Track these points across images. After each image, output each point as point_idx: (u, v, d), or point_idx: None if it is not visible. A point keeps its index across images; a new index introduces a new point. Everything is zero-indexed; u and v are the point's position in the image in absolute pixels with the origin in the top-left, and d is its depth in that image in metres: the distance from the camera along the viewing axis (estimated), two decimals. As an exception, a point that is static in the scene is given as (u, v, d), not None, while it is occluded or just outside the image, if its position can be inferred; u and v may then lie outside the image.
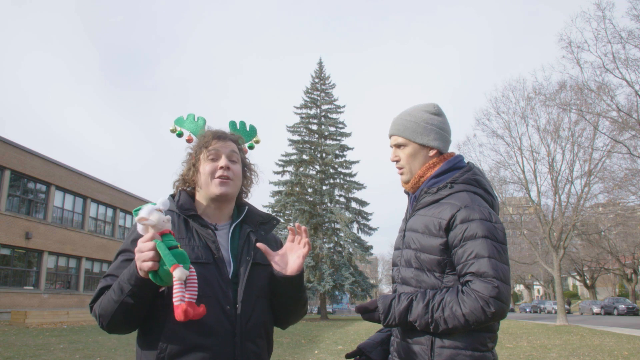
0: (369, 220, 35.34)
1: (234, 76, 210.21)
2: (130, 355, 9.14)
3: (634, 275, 42.16)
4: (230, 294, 1.54)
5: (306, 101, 36.28)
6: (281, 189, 34.01)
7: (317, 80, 36.72)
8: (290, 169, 35.03)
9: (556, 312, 26.69)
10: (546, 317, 34.33)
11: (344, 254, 33.75)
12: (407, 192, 1.87)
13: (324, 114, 36.26)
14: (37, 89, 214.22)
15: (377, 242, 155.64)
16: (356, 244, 33.28)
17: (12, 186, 21.54)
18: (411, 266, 1.68)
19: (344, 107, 36.51)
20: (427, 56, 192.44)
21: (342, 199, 35.23)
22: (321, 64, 37.21)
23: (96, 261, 28.11)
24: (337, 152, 34.86)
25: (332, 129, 35.86)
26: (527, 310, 51.02)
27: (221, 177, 1.65)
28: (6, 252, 21.22)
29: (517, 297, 76.30)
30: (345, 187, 34.93)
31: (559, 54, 35.85)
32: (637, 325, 21.12)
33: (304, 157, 34.30)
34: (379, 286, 76.19)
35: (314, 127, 35.99)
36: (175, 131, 1.85)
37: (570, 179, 23.70)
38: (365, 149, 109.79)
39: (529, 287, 68.69)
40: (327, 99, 36.44)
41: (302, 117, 36.03)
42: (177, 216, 1.63)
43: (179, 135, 1.85)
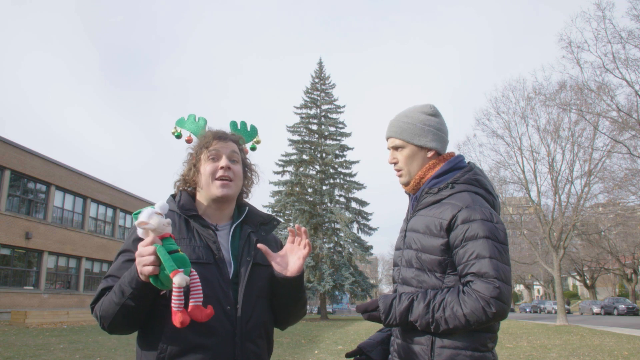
0: (369, 220, 35.36)
1: (234, 76, 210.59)
2: (130, 355, 9.14)
3: (634, 275, 42.15)
4: (230, 294, 1.54)
5: (306, 101, 36.29)
6: (281, 189, 34.01)
7: (317, 80, 36.72)
8: (290, 169, 35.05)
9: (556, 312, 26.69)
10: (546, 317, 34.33)
11: (344, 254, 33.75)
12: (408, 192, 1.87)
13: (324, 114, 36.26)
14: (37, 89, 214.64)
15: (377, 242, 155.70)
16: (356, 244, 33.28)
17: (12, 186, 21.54)
18: (412, 266, 1.68)
19: (344, 107, 36.57)
20: (427, 56, 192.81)
21: (342, 199, 35.24)
22: (321, 64, 37.22)
23: (96, 261, 28.10)
24: (337, 152, 34.86)
25: (332, 129, 35.87)
26: (527, 310, 51.02)
27: (222, 178, 1.65)
28: (6, 252, 21.22)
29: (517, 297, 76.28)
30: (345, 187, 34.93)
31: (559, 54, 35.88)
32: (637, 325, 21.11)
33: (304, 157, 34.29)
34: (379, 286, 76.17)
35: (314, 127, 35.99)
36: (174, 133, 1.85)
37: (570, 179, 23.72)
38: (365, 149, 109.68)
39: (529, 287, 68.68)
40: (327, 99, 36.44)
41: (302, 117, 36.04)
42: (178, 216, 1.63)
43: (177, 136, 1.85)
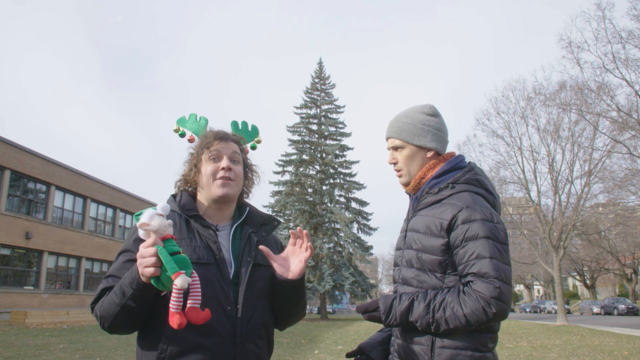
0: (369, 220, 35.36)
1: (234, 76, 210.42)
2: (130, 355, 9.14)
3: (634, 275, 42.15)
4: (231, 294, 1.54)
5: (306, 101, 36.28)
6: (281, 189, 34.01)
7: (317, 80, 36.72)
8: (290, 169, 35.05)
9: (556, 312, 26.70)
10: (546, 317, 34.33)
11: (344, 254, 33.76)
12: (409, 192, 1.87)
13: (324, 114, 36.26)
14: (37, 89, 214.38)
15: (377, 242, 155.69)
16: (356, 244, 33.28)
17: (12, 186, 21.54)
18: (412, 266, 1.68)
19: (344, 107, 36.55)
20: (427, 56, 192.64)
21: (342, 199, 35.24)
22: (321, 64, 37.22)
23: (96, 261, 28.10)
24: (337, 152, 34.86)
25: (332, 129, 35.86)
26: (527, 310, 51.02)
27: (223, 178, 1.65)
28: (6, 252, 21.22)
29: (517, 297, 76.28)
30: (345, 187, 34.93)
31: (559, 54, 35.89)
32: (637, 325, 21.11)
33: (304, 157, 34.29)
34: (379, 286, 76.18)
35: (314, 127, 35.99)
36: (178, 131, 1.85)
37: (570, 179, 23.72)
38: (365, 149, 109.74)
39: (529, 287, 68.67)
40: (327, 99, 36.44)
41: (302, 117, 36.03)
42: (179, 216, 1.63)
43: (182, 135, 1.85)
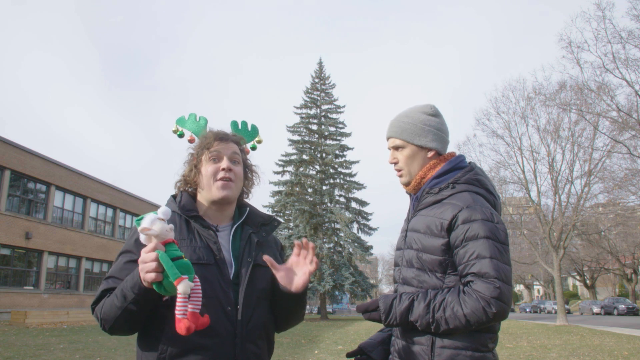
0: (369, 220, 35.36)
1: (234, 76, 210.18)
2: (130, 355, 9.14)
3: (634, 275, 42.15)
4: (231, 295, 1.54)
5: (306, 101, 36.29)
6: (281, 189, 34.01)
7: (317, 80, 36.72)
8: (290, 169, 35.06)
9: (556, 312, 26.70)
10: (546, 317, 34.33)
11: (344, 254, 33.76)
12: (409, 192, 1.87)
13: (324, 114, 36.26)
14: (37, 89, 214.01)
15: (377, 242, 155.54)
16: (356, 244, 33.29)
17: (12, 186, 21.54)
18: (413, 266, 1.68)
19: (344, 107, 36.57)
20: (427, 56, 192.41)
21: (342, 199, 35.24)
22: (321, 64, 37.22)
23: (96, 261, 28.10)
24: (337, 152, 34.86)
25: (332, 129, 35.87)
26: (527, 310, 51.01)
27: (223, 179, 1.64)
28: (6, 252, 21.22)
29: (517, 297, 76.29)
30: (345, 187, 34.93)
31: (559, 54, 35.87)
32: (637, 325, 21.11)
33: (304, 157, 34.29)
34: (379, 286, 76.17)
35: (314, 127, 35.99)
36: (177, 131, 1.84)
37: (570, 179, 23.72)
38: (365, 149, 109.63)
39: (529, 287, 68.67)
40: (327, 99, 36.44)
41: (302, 117, 36.04)
42: (179, 217, 1.63)
43: (180, 135, 1.84)
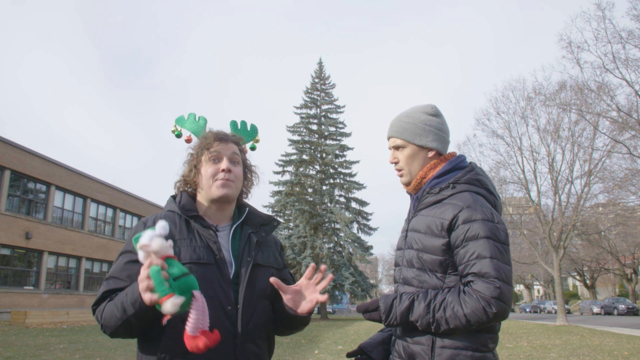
0: (369, 220, 35.35)
1: (234, 76, 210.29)
2: (130, 355, 9.14)
3: (634, 275, 42.15)
4: (231, 294, 1.54)
5: (306, 101, 36.29)
6: (281, 189, 34.01)
7: (317, 80, 36.72)
8: (290, 169, 35.05)
9: (556, 312, 26.70)
10: (546, 317, 34.33)
11: (344, 254, 33.76)
12: (409, 192, 1.87)
13: (324, 114, 36.26)
14: (37, 89, 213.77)
15: (377, 242, 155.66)
16: (356, 244, 33.29)
17: (12, 186, 21.54)
18: (413, 266, 1.68)
19: (344, 107, 36.55)
20: (427, 56, 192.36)
21: (342, 199, 35.24)
22: (321, 64, 37.22)
23: (96, 261, 28.10)
24: (337, 152, 34.86)
25: (332, 129, 35.86)
26: (527, 310, 51.02)
27: (222, 180, 1.64)
28: (6, 252, 21.21)
29: (517, 297, 76.30)
30: (345, 187, 34.93)
31: (559, 54, 35.86)
32: (637, 325, 21.11)
33: (304, 157, 34.29)
34: (379, 286, 76.21)
35: (314, 127, 35.98)
36: (175, 131, 1.84)
37: (570, 179, 23.70)
38: (365, 149, 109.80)
39: (529, 287, 68.68)
40: (327, 99, 36.44)
41: (302, 117, 36.03)
42: (179, 217, 1.63)
43: (178, 135, 1.84)
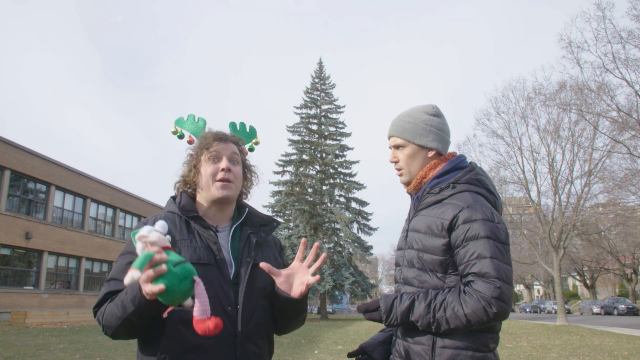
0: (369, 220, 35.36)
1: (234, 76, 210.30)
2: (130, 355, 9.14)
3: (634, 275, 42.15)
4: (231, 294, 1.54)
5: (306, 101, 36.30)
6: (281, 189, 34.01)
7: (317, 80, 36.73)
8: (290, 169, 35.07)
9: (556, 312, 26.69)
10: (546, 317, 34.32)
11: (344, 254, 33.76)
12: (410, 192, 1.87)
13: (324, 114, 36.27)
14: (37, 89, 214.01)
15: (377, 242, 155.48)
16: (356, 244, 33.29)
17: (12, 186, 21.53)
18: (413, 266, 1.68)
19: (344, 107, 36.59)
20: (427, 56, 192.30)
21: (342, 199, 35.25)
22: (321, 64, 37.23)
23: (96, 261, 28.10)
24: (337, 152, 34.87)
25: (332, 129, 35.87)
26: (527, 310, 51.00)
27: (222, 180, 1.64)
28: (6, 252, 21.21)
29: (517, 297, 76.29)
30: (345, 187, 34.93)
31: (559, 54, 35.86)
32: (637, 325, 21.11)
33: (304, 157, 34.30)
34: (379, 286, 76.20)
35: (314, 127, 35.99)
36: (176, 133, 1.85)
37: (570, 179, 23.71)
38: (365, 149, 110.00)
39: (529, 287, 68.68)
40: (327, 99, 36.45)
41: (302, 117, 36.05)
42: (179, 217, 1.63)
43: (180, 137, 1.85)
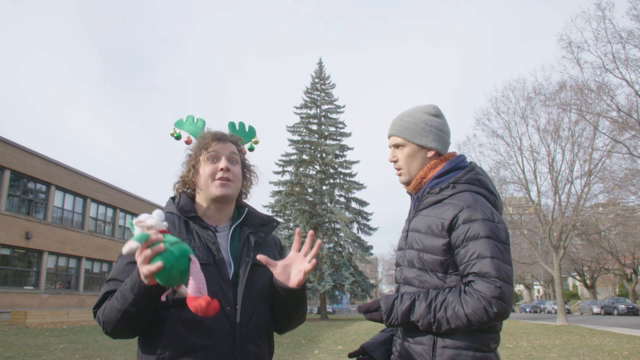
0: (369, 220, 35.36)
1: (234, 76, 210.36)
2: (130, 355, 9.14)
3: (634, 275, 42.15)
4: (230, 294, 1.54)
5: (306, 101, 36.30)
6: (281, 189, 34.02)
7: (317, 80, 36.73)
8: (290, 169, 35.07)
9: (556, 312, 26.69)
10: (546, 317, 34.33)
11: (344, 254, 33.76)
12: (410, 192, 1.87)
13: (324, 114, 36.27)
14: (37, 89, 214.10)
15: (377, 242, 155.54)
16: (356, 244, 33.29)
17: (12, 186, 21.53)
18: (414, 266, 1.68)
19: (344, 107, 36.58)
20: (427, 56, 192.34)
21: (342, 199, 35.25)
22: (321, 64, 37.23)
23: (96, 261, 28.11)
24: (337, 152, 34.87)
25: (332, 129, 35.87)
26: (527, 310, 51.01)
27: (221, 179, 1.64)
28: (6, 252, 21.21)
29: (517, 297, 76.29)
30: (345, 187, 34.93)
31: (559, 54, 35.85)
32: (637, 325, 21.11)
33: (304, 157, 34.30)
34: (379, 286, 76.20)
35: (314, 127, 36.00)
36: (174, 134, 1.85)
37: (570, 179, 23.72)
38: (365, 149, 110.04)
39: (529, 287, 68.70)
40: (327, 99, 36.45)
41: (302, 117, 36.05)
42: (178, 218, 1.63)
43: (177, 138, 1.84)
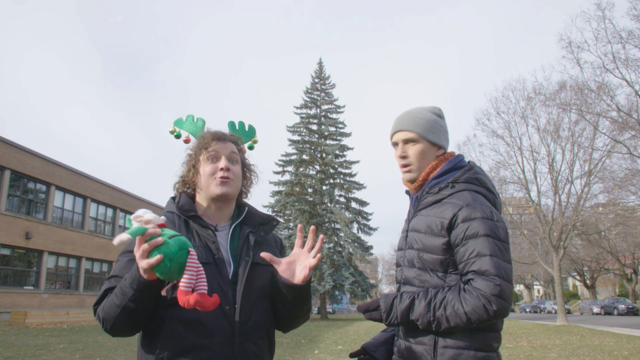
0: (369, 220, 35.35)
1: (234, 76, 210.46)
2: (130, 355, 9.14)
3: (634, 275, 42.14)
4: (230, 294, 1.54)
5: (306, 101, 36.29)
6: (281, 189, 34.01)
7: (317, 80, 36.72)
8: (290, 169, 35.05)
9: (556, 312, 26.69)
10: (546, 317, 34.32)
11: (344, 254, 33.76)
12: (409, 192, 1.87)
13: (324, 114, 36.26)
14: (37, 89, 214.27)
15: (377, 242, 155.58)
16: (356, 244, 33.29)
17: (12, 186, 21.53)
18: (414, 266, 1.68)
19: (344, 107, 36.55)
20: (427, 56, 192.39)
21: (342, 199, 35.24)
22: (321, 64, 37.22)
23: (96, 261, 28.10)
24: (337, 152, 34.86)
25: (332, 129, 35.86)
26: (527, 310, 51.00)
27: (222, 178, 1.64)
28: (6, 252, 21.21)
29: (517, 297, 76.27)
30: (345, 187, 34.93)
31: (559, 54, 35.85)
32: (637, 325, 21.11)
33: (304, 157, 34.29)
34: (379, 286, 76.19)
35: (314, 127, 35.99)
36: (173, 132, 1.85)
37: (570, 179, 23.71)
38: (365, 149, 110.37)
39: (529, 287, 68.68)
40: (327, 99, 36.44)
41: (302, 117, 36.04)
42: (178, 217, 1.63)
43: (177, 136, 1.85)
